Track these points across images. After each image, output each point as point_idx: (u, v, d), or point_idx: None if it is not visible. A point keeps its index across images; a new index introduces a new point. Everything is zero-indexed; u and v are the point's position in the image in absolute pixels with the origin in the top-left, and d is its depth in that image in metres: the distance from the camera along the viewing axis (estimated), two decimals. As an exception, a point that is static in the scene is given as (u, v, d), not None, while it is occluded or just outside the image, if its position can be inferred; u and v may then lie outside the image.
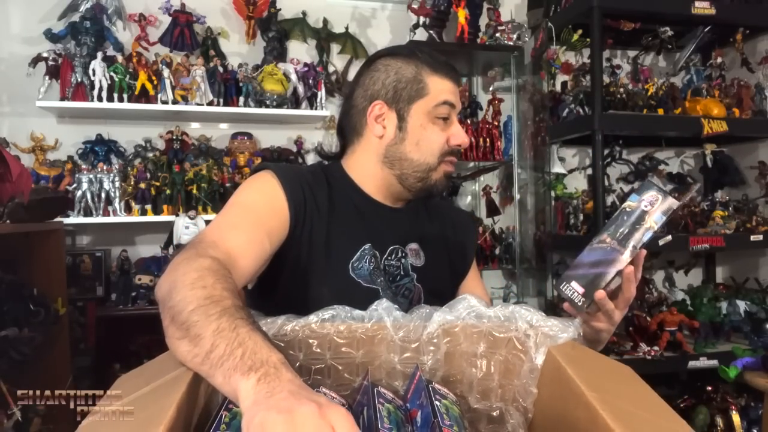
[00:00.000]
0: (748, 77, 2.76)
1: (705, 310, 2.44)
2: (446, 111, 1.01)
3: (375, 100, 1.02)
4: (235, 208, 0.93)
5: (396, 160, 1.02)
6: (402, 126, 1.02)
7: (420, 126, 1.01)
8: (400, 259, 1.04)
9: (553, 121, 2.65)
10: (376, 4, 2.91)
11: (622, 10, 2.49)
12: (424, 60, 1.02)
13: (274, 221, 0.93)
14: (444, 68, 1.02)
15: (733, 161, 2.94)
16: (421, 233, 1.09)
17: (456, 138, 1.02)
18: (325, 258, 0.97)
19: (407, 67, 1.02)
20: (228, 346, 0.58)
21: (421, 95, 1.00)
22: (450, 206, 1.23)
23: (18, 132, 2.44)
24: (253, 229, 0.88)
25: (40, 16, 2.49)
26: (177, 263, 0.74)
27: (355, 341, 0.72)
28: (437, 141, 1.01)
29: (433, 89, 1.00)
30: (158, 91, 2.42)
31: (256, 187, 0.97)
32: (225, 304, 0.64)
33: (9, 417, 1.48)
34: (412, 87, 1.01)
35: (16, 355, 1.65)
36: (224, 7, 2.70)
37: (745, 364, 2.16)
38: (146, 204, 2.39)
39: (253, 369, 0.54)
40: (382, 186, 1.05)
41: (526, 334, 0.71)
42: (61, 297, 2.06)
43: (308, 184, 0.99)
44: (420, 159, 1.01)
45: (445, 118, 1.01)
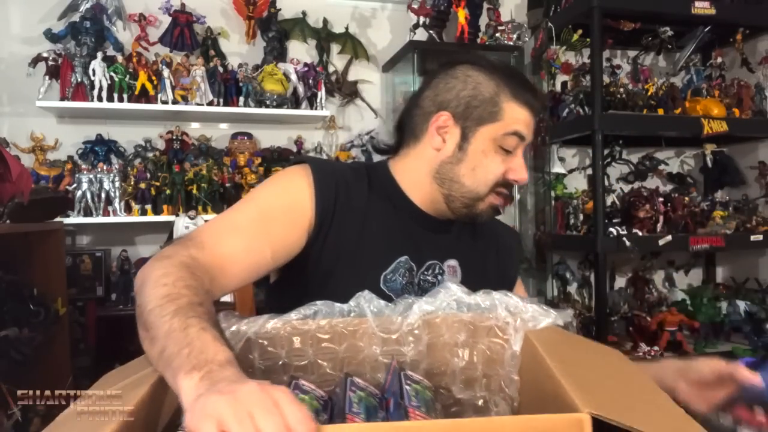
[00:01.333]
0: (748, 77, 2.76)
1: (705, 310, 2.44)
2: (514, 143, 0.92)
3: (443, 110, 0.94)
4: (249, 206, 0.87)
5: (447, 179, 0.95)
6: (463, 146, 0.93)
7: (481, 151, 0.92)
8: (437, 276, 0.98)
9: (553, 121, 2.65)
10: (376, 4, 2.91)
11: (622, 10, 2.49)
12: (507, 81, 0.93)
13: (286, 230, 0.86)
14: (526, 95, 0.92)
15: (733, 161, 2.94)
16: (462, 251, 1.02)
17: (515, 173, 0.93)
18: (354, 266, 0.91)
19: (487, 84, 0.93)
20: (176, 346, 0.56)
21: (492, 119, 0.91)
22: (498, 225, 1.14)
23: (18, 132, 2.44)
24: (256, 237, 0.83)
25: (40, 16, 2.49)
26: (154, 258, 0.73)
27: (337, 336, 0.71)
28: (494, 172, 0.92)
29: (507, 116, 0.91)
30: (158, 91, 2.42)
31: (282, 184, 0.90)
32: (180, 302, 0.62)
33: (9, 417, 1.48)
34: (485, 108, 0.92)
35: (16, 355, 1.65)
36: (224, 7, 2.70)
37: (745, 364, 2.16)
38: (146, 204, 2.39)
39: (196, 368, 0.53)
40: (427, 198, 0.98)
41: (506, 322, 0.71)
42: (61, 297, 2.06)
43: (345, 183, 0.92)
44: (471, 186, 0.93)
45: (510, 151, 0.93)
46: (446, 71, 0.96)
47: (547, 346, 0.63)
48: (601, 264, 2.30)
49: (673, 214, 2.45)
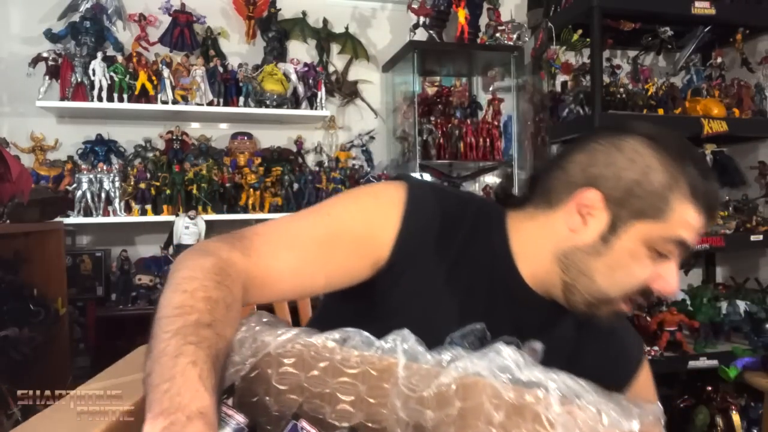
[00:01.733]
0: (748, 77, 2.76)
1: (705, 310, 2.44)
2: (672, 250, 0.74)
3: (594, 186, 0.74)
4: (319, 221, 0.74)
5: (574, 269, 0.77)
6: (608, 238, 0.75)
7: (629, 252, 0.74)
8: None
9: (553, 121, 2.65)
10: (376, 4, 2.91)
11: (622, 10, 2.49)
12: (687, 174, 0.73)
13: (350, 261, 0.74)
14: (706, 199, 0.74)
15: (733, 161, 2.93)
16: (554, 336, 0.84)
17: (663, 283, 0.75)
18: (421, 317, 0.76)
19: (660, 173, 0.73)
20: (159, 377, 0.51)
21: (655, 216, 0.73)
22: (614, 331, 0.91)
23: (18, 132, 2.44)
24: (313, 261, 0.71)
25: (40, 16, 2.49)
26: (194, 250, 0.66)
27: (360, 373, 0.63)
28: (638, 278, 0.75)
29: (675, 218, 0.72)
30: (158, 91, 2.42)
31: (367, 206, 0.76)
32: (188, 320, 0.56)
33: (9, 417, 1.48)
34: (650, 201, 0.72)
35: (16, 355, 1.65)
36: (224, 7, 2.70)
37: (745, 364, 2.16)
38: (146, 204, 2.39)
39: (164, 414, 0.48)
40: (539, 275, 0.80)
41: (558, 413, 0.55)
42: (61, 297, 2.06)
43: (441, 220, 0.78)
44: (603, 286, 0.76)
45: (661, 256, 0.74)
46: (611, 139, 0.76)
47: None
48: (601, 264, 2.29)
49: (673, 214, 2.45)
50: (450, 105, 2.79)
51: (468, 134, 2.68)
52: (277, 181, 2.55)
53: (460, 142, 2.67)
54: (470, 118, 2.78)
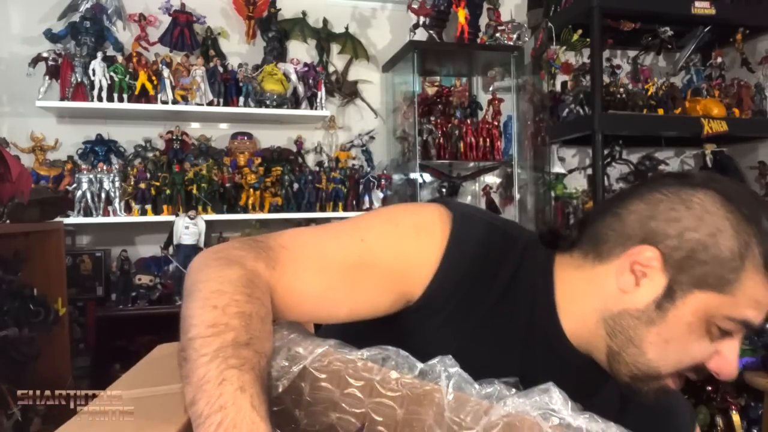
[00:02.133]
0: (748, 77, 2.76)
1: (705, 310, 2.44)
2: (735, 329, 0.64)
3: (652, 243, 0.64)
4: (352, 243, 0.67)
5: (622, 335, 0.67)
6: (663, 305, 0.64)
7: (687, 326, 0.64)
8: None
9: (553, 121, 2.65)
10: (376, 4, 2.91)
11: (622, 10, 2.49)
12: (764, 243, 0.62)
13: (378, 293, 0.67)
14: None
15: (733, 161, 2.94)
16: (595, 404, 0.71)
17: (721, 363, 0.66)
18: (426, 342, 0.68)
19: (731, 238, 0.62)
20: (207, 406, 0.49)
21: (720, 288, 0.62)
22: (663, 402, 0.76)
23: (18, 132, 2.44)
24: (339, 288, 0.65)
25: (40, 16, 2.49)
26: (217, 257, 0.61)
27: (399, 396, 0.60)
28: (694, 354, 0.65)
29: (744, 293, 0.62)
30: (158, 91, 2.42)
31: (407, 233, 0.68)
32: (225, 339, 0.53)
33: (9, 417, 1.48)
34: (716, 269, 0.62)
35: (16, 355, 1.65)
36: (224, 7, 2.70)
37: (745, 364, 2.16)
38: (146, 204, 2.39)
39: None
40: (582, 335, 0.70)
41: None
42: (61, 297, 2.06)
43: (484, 260, 0.69)
44: (654, 360, 0.66)
45: (727, 332, 0.64)
46: (679, 190, 0.66)
47: None
48: (601, 264, 2.29)
49: (673, 214, 2.45)
50: (450, 105, 2.79)
51: (468, 134, 2.68)
52: (277, 181, 2.55)
53: (460, 142, 2.67)
54: (470, 118, 2.78)
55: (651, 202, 0.66)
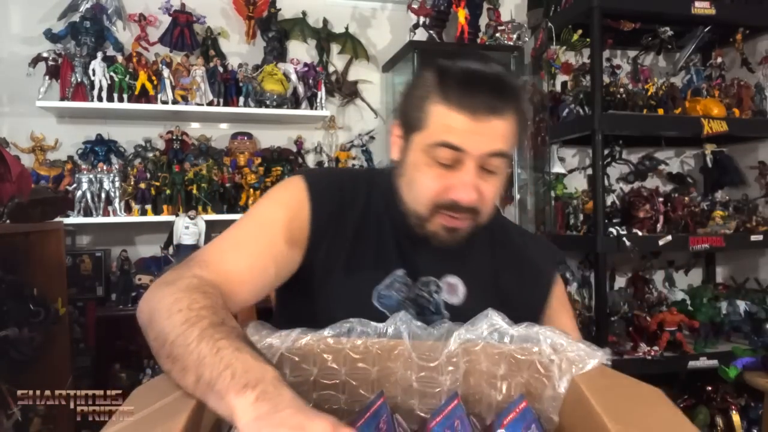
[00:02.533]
0: (748, 77, 2.76)
1: (705, 310, 2.44)
2: (448, 156, 0.77)
3: (396, 118, 0.86)
4: (249, 223, 0.83)
5: (399, 194, 0.86)
6: (403, 158, 0.84)
7: (414, 165, 0.81)
8: (432, 293, 0.88)
9: (553, 121, 2.65)
10: (376, 4, 2.91)
11: (622, 10, 2.49)
12: (440, 78, 0.78)
13: (287, 245, 0.82)
14: (458, 93, 0.76)
15: (733, 161, 2.94)
16: (469, 268, 0.91)
17: (456, 192, 0.78)
18: (346, 280, 0.85)
19: (419, 84, 0.81)
20: (213, 371, 0.54)
21: (420, 127, 0.80)
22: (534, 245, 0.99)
23: (18, 132, 2.44)
24: (259, 253, 0.79)
25: (40, 16, 2.49)
26: (157, 285, 0.69)
27: (370, 357, 0.69)
28: (426, 188, 0.80)
29: (433, 123, 0.78)
30: (158, 91, 2.42)
31: (280, 198, 0.86)
32: (202, 325, 0.59)
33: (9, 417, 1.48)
34: (415, 113, 0.80)
35: (16, 355, 1.65)
36: (224, 7, 2.70)
37: (745, 364, 2.16)
38: (146, 204, 2.39)
39: (248, 386, 0.51)
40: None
41: (550, 359, 0.67)
42: (61, 297, 2.06)
43: (340, 194, 0.87)
44: (409, 203, 0.84)
45: (449, 165, 0.78)
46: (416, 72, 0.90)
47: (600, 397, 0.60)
48: (601, 264, 2.30)
49: (673, 214, 2.45)
50: (450, 105, 2.78)
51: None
52: (278, 181, 2.55)
53: (460, 142, 2.66)
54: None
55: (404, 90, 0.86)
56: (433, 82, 0.78)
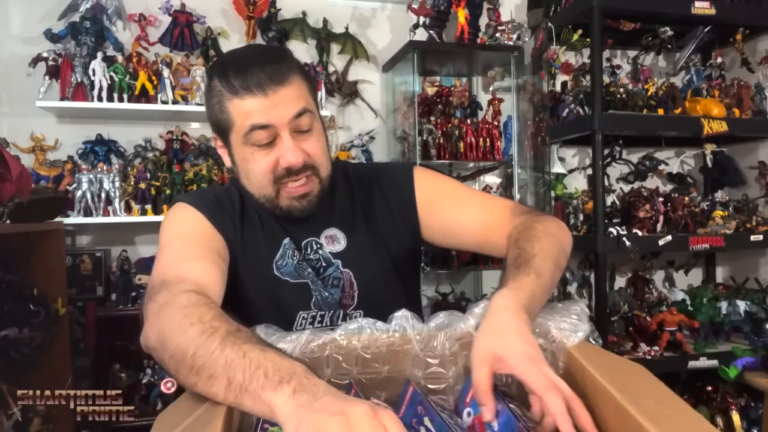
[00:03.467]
0: (748, 77, 2.76)
1: (705, 310, 2.44)
2: (262, 136, 0.87)
3: (213, 131, 0.96)
4: (174, 243, 0.89)
5: (246, 192, 0.98)
6: (233, 160, 0.95)
7: (243, 159, 0.91)
8: (317, 251, 0.99)
9: (553, 121, 2.65)
10: (376, 4, 2.91)
11: (622, 10, 2.49)
12: (223, 80, 0.88)
13: (215, 242, 0.92)
14: (241, 83, 0.85)
15: (733, 161, 2.94)
16: (337, 214, 1.02)
17: (284, 159, 0.88)
18: (247, 263, 0.96)
19: (215, 94, 0.90)
20: (245, 373, 0.57)
21: (229, 127, 0.90)
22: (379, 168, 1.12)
23: (18, 132, 2.44)
24: (205, 255, 0.86)
25: (40, 16, 2.49)
26: (155, 311, 0.72)
27: (380, 356, 0.72)
28: (262, 170, 0.90)
29: (236, 117, 0.88)
30: (158, 91, 2.42)
31: (177, 218, 0.95)
32: (220, 333, 0.62)
33: (9, 417, 1.48)
34: (220, 117, 0.90)
35: (16, 355, 1.65)
36: (224, 7, 2.70)
37: (745, 364, 2.16)
38: (146, 204, 2.39)
39: (284, 381, 0.54)
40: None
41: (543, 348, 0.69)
42: (61, 297, 2.06)
43: (216, 199, 0.98)
44: (256, 192, 0.94)
45: (268, 142, 0.88)
46: (206, 89, 0.95)
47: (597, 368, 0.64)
48: (601, 264, 2.30)
49: (673, 214, 2.45)
50: (450, 105, 2.78)
51: (468, 134, 2.68)
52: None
53: (460, 142, 2.66)
54: (470, 118, 2.78)
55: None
56: (219, 84, 0.88)
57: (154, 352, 0.69)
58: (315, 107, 0.93)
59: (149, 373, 2.31)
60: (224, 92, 0.88)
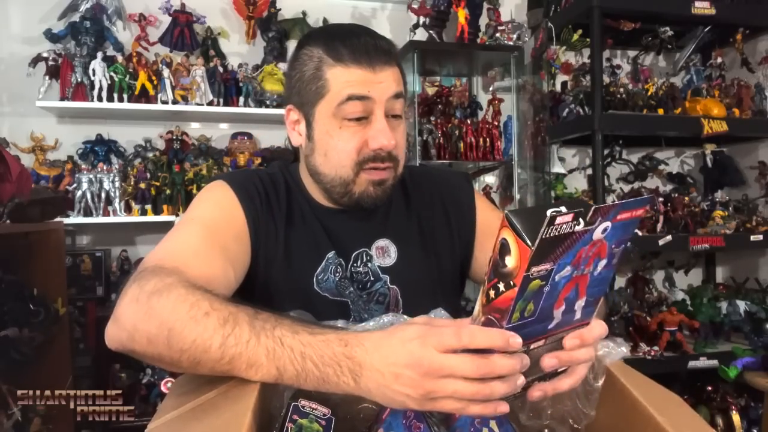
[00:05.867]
0: (748, 77, 2.76)
1: (705, 310, 2.44)
2: (357, 108, 0.82)
3: (289, 103, 0.89)
4: (194, 226, 0.81)
5: (314, 173, 0.89)
6: (310, 134, 0.87)
7: (326, 133, 0.84)
8: (366, 264, 0.91)
9: (553, 121, 2.65)
10: (376, 4, 2.91)
11: (622, 10, 2.49)
12: (326, 46, 0.83)
13: (236, 245, 0.83)
14: (349, 51, 0.81)
15: (733, 161, 2.94)
16: (392, 224, 0.95)
17: (375, 140, 0.82)
18: (286, 273, 0.88)
19: (308, 60, 0.85)
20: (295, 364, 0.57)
21: (321, 95, 0.83)
22: (437, 179, 1.02)
23: (18, 132, 2.44)
24: (216, 258, 0.77)
25: (40, 16, 2.49)
26: (143, 297, 0.64)
27: None
28: (346, 148, 0.83)
29: (333, 85, 0.82)
30: (158, 91, 2.42)
31: (214, 200, 0.87)
32: (243, 318, 0.60)
33: (9, 417, 1.48)
34: (311, 85, 0.84)
35: (16, 355, 1.65)
36: (224, 7, 2.70)
37: (745, 364, 2.16)
38: (146, 204, 2.39)
39: (343, 341, 0.56)
40: (323, 195, 0.93)
41: None
42: (61, 297, 2.06)
43: (264, 192, 0.90)
44: (331, 173, 0.86)
45: (360, 117, 0.83)
46: (293, 58, 0.89)
47: (638, 389, 0.63)
48: (601, 264, 2.29)
49: (673, 214, 2.45)
50: (450, 105, 2.78)
51: (468, 134, 2.68)
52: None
53: (460, 142, 2.66)
54: (470, 118, 2.78)
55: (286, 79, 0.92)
56: (321, 52, 0.84)
57: (150, 346, 0.62)
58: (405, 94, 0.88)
59: (149, 373, 2.31)
60: (325, 58, 0.83)
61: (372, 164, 0.84)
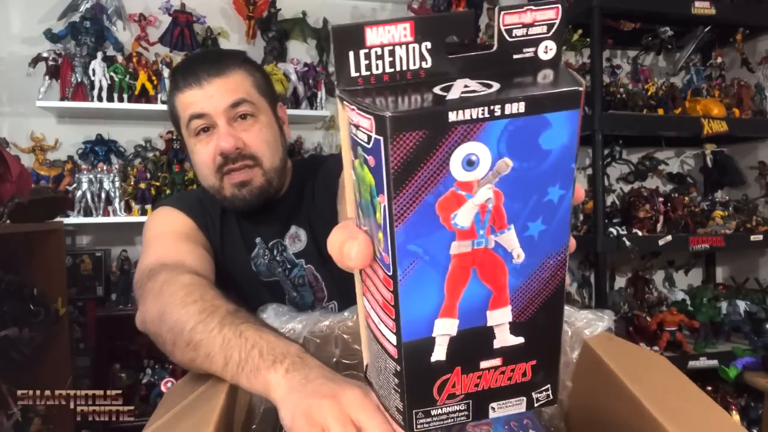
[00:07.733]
0: (748, 77, 2.76)
1: (705, 310, 2.44)
2: (198, 124, 0.91)
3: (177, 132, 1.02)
4: (159, 239, 0.91)
5: (204, 186, 1.00)
6: (188, 156, 1.01)
7: (191, 152, 0.96)
8: (282, 253, 1.01)
9: (553, 121, 2.65)
10: (376, 4, 2.91)
11: (622, 10, 2.49)
12: (172, 78, 0.96)
13: (202, 238, 0.95)
14: (181, 77, 0.92)
15: (733, 161, 2.94)
16: (299, 214, 1.03)
17: (217, 146, 0.91)
18: (227, 261, 0.98)
19: (169, 94, 0.97)
20: (241, 352, 0.58)
21: (177, 122, 0.96)
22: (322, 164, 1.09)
23: (18, 132, 2.44)
24: (193, 249, 0.88)
25: (40, 16, 2.49)
26: (155, 289, 0.73)
27: None
28: (204, 160, 0.93)
29: (180, 110, 0.93)
30: (158, 91, 2.42)
31: (162, 219, 0.97)
32: (221, 312, 0.64)
33: (9, 417, 1.48)
34: (173, 116, 0.96)
35: (16, 355, 1.65)
36: (224, 7, 2.70)
37: (745, 364, 2.16)
38: (146, 204, 2.39)
39: (277, 361, 0.55)
40: None
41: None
42: (61, 297, 2.06)
43: (199, 200, 1.01)
44: (206, 184, 0.97)
45: (205, 128, 0.92)
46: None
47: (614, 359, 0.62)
48: (601, 264, 2.30)
49: (673, 214, 2.45)
50: (450, 105, 2.78)
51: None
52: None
53: (460, 142, 2.66)
54: (470, 118, 2.77)
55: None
56: (171, 85, 0.95)
57: (151, 328, 0.70)
58: (264, 101, 0.96)
59: (149, 373, 2.31)
60: (172, 89, 0.94)
61: (227, 167, 0.92)
